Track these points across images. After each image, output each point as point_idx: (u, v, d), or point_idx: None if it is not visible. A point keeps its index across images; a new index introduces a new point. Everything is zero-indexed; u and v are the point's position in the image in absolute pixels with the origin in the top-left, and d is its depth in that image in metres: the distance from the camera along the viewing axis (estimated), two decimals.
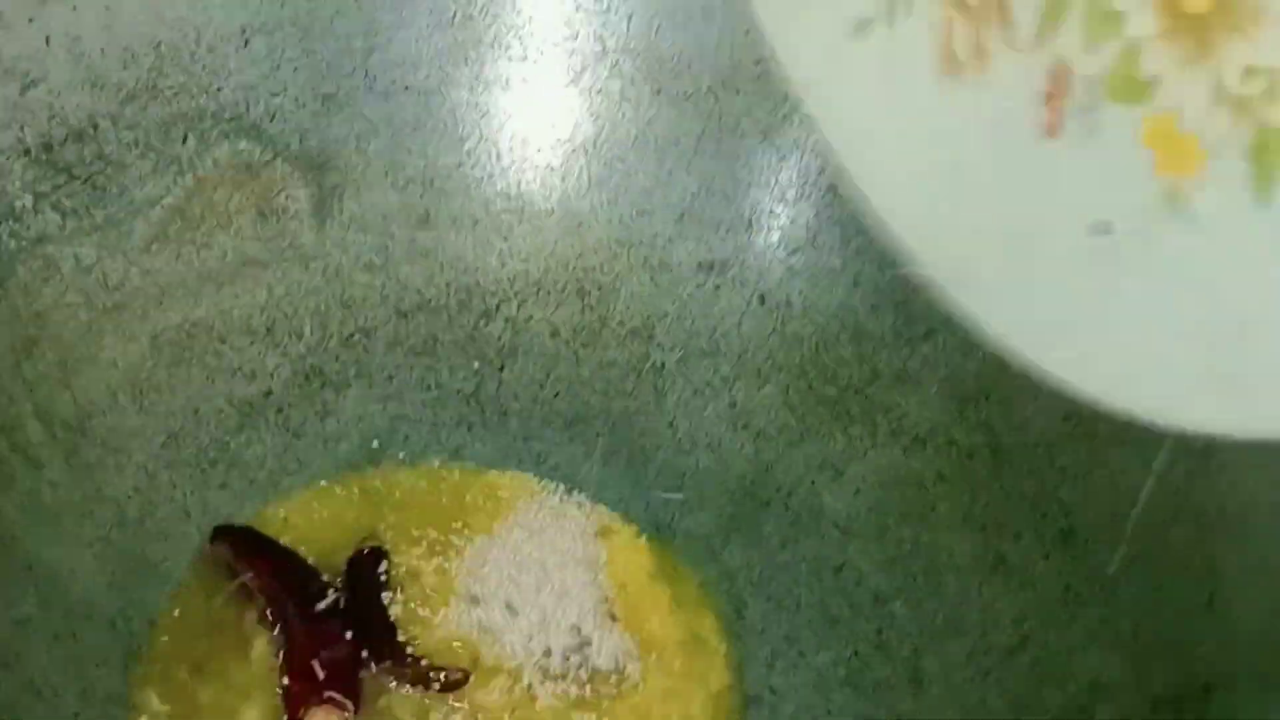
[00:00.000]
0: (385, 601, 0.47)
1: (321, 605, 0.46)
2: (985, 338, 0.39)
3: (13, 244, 0.47)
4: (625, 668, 0.46)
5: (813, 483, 0.51)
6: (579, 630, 0.47)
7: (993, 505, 0.47)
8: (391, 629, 0.45)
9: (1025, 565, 0.44)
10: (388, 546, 0.48)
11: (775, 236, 0.54)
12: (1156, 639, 0.39)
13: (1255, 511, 0.38)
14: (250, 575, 0.46)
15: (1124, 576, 0.41)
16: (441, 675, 0.43)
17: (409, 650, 0.44)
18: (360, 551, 0.47)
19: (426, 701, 0.44)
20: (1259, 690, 0.34)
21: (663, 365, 0.54)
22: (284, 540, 0.48)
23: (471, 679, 0.43)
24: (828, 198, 0.53)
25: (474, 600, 0.47)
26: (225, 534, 0.47)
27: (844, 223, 0.53)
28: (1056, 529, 0.44)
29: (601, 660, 0.46)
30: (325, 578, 0.47)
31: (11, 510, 0.44)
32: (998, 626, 0.44)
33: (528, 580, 0.48)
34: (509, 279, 0.55)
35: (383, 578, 0.47)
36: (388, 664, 0.44)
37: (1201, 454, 0.41)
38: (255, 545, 0.47)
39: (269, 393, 0.51)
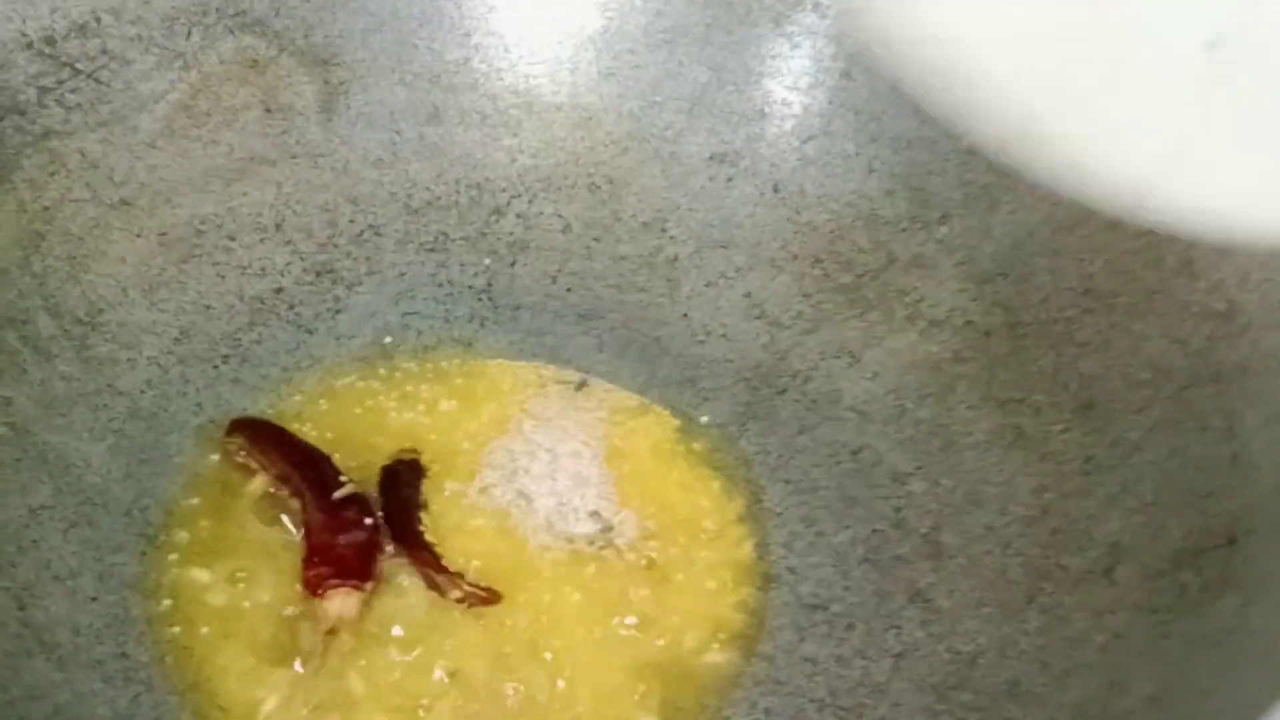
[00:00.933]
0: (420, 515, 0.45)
1: (338, 494, 0.45)
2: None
3: (17, 138, 0.47)
4: (646, 552, 0.45)
5: (829, 369, 0.50)
6: (599, 515, 0.46)
7: (1011, 382, 0.46)
8: (426, 544, 0.45)
9: (1044, 438, 0.44)
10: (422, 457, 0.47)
11: (788, 125, 0.53)
12: (1177, 498, 0.38)
13: (1276, 365, 0.37)
14: (267, 465, 0.45)
15: (1145, 442, 0.41)
16: (477, 591, 0.43)
17: (444, 564, 0.44)
18: (398, 462, 0.46)
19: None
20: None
21: (676, 257, 0.53)
22: (298, 433, 0.47)
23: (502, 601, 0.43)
24: (841, 84, 0.52)
25: (488, 490, 0.47)
26: (242, 426, 0.47)
27: (858, 109, 0.52)
28: (1076, 401, 0.44)
29: (622, 544, 0.45)
30: (341, 470, 0.46)
31: (25, 402, 0.44)
32: (1017, 499, 0.43)
33: (541, 469, 0.47)
34: (519, 174, 0.54)
35: (419, 493, 0.46)
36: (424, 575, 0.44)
37: (1224, 316, 0.40)
38: (272, 436, 0.46)
39: (280, 289, 0.51)
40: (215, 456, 0.47)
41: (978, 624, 0.41)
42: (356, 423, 0.49)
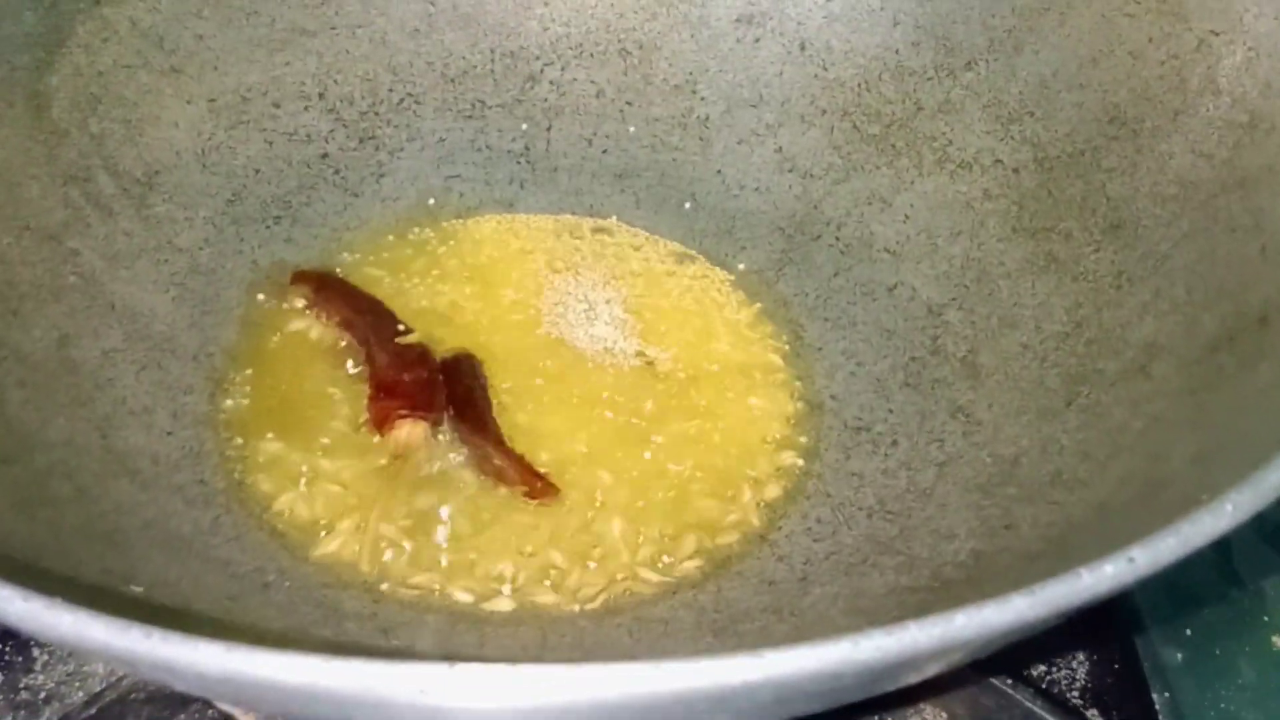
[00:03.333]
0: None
1: (402, 339, 0.47)
2: None
3: (71, 5, 0.48)
4: (690, 387, 0.47)
5: (862, 215, 0.52)
6: (644, 355, 0.48)
7: (1041, 213, 0.48)
8: (493, 423, 0.46)
9: (1076, 259, 0.45)
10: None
11: None
12: (1209, 295, 0.40)
13: None
14: (331, 313, 0.47)
15: (1175, 251, 0.42)
16: (536, 483, 0.44)
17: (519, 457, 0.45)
18: (457, 356, 0.48)
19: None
20: None
21: (707, 117, 0.55)
22: None
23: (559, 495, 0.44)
24: None
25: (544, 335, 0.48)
26: (306, 277, 0.49)
27: None
28: (1106, 223, 0.45)
29: (671, 381, 0.47)
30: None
31: (90, 254, 0.46)
32: (1051, 317, 0.45)
33: (583, 313, 0.49)
34: (551, 42, 0.56)
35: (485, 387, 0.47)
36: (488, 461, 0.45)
37: (1247, 126, 0.42)
38: (335, 286, 0.48)
39: (325, 155, 0.53)
40: (275, 307, 0.48)
41: (1018, 430, 0.42)
42: (407, 276, 0.50)
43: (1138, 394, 0.39)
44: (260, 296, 0.48)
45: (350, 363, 0.47)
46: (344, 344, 0.47)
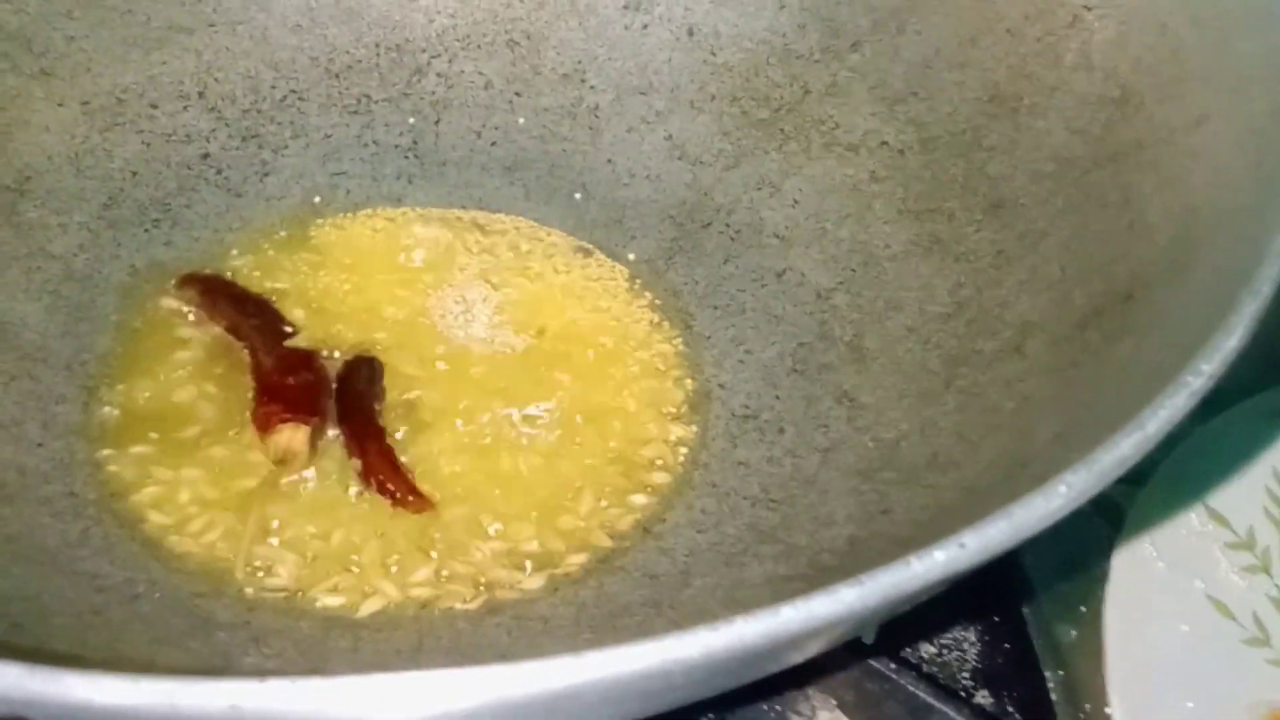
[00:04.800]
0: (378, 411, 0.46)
1: (289, 342, 0.46)
2: None
3: None
4: (578, 380, 0.47)
5: (751, 200, 0.51)
6: (530, 349, 0.48)
7: (925, 194, 0.48)
8: (380, 432, 0.45)
9: (958, 239, 0.45)
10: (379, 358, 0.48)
11: None
12: (1081, 271, 0.40)
13: (1170, 135, 0.39)
14: (217, 317, 0.46)
15: (1051, 228, 0.42)
16: (409, 496, 0.43)
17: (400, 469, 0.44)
18: (356, 358, 0.47)
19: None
20: (1172, 288, 0.35)
21: (597, 106, 0.54)
22: None
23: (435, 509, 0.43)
24: None
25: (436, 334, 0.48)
26: (191, 280, 0.48)
27: None
28: (986, 202, 0.45)
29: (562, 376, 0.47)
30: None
31: None
32: (934, 299, 0.45)
33: (470, 308, 0.48)
34: (437, 34, 0.55)
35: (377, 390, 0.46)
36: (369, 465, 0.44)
37: (1118, 101, 0.42)
38: (221, 289, 0.47)
39: (206, 155, 0.52)
40: (153, 313, 0.47)
41: (900, 413, 0.42)
42: (290, 279, 0.49)
43: (1011, 373, 0.39)
44: (137, 303, 0.47)
45: (229, 368, 0.45)
46: (224, 348, 0.46)
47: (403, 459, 0.43)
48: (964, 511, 0.33)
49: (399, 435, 0.44)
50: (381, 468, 0.42)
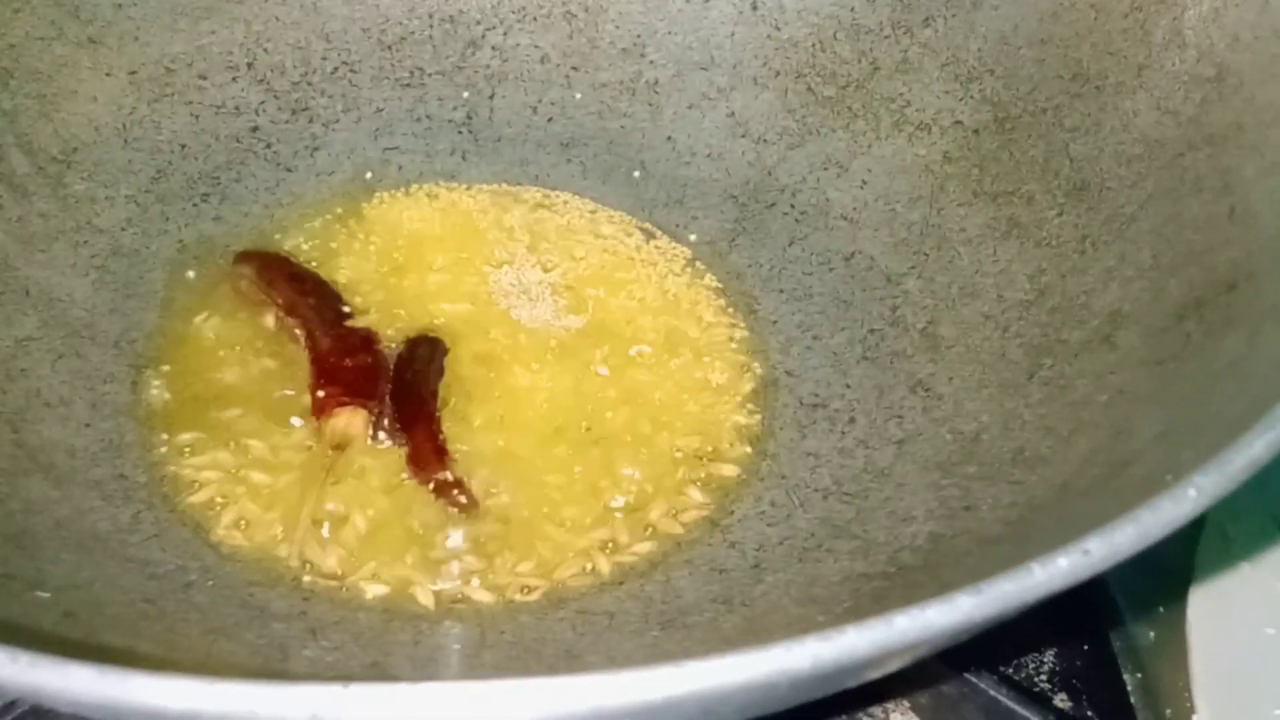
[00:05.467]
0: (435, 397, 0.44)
1: (348, 324, 0.44)
2: None
3: None
4: (638, 365, 0.45)
5: (817, 180, 0.50)
6: (590, 332, 0.46)
7: (1002, 175, 0.46)
8: (431, 417, 0.44)
9: (1039, 224, 0.43)
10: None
11: None
12: (1176, 259, 0.38)
13: (1273, 118, 0.37)
14: (274, 295, 0.45)
15: (1141, 213, 0.40)
16: (453, 493, 0.42)
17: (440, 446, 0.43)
18: (421, 336, 0.46)
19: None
20: None
21: (656, 81, 0.53)
22: None
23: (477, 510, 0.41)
24: None
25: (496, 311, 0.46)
26: (249, 257, 0.46)
27: None
28: (1069, 185, 0.43)
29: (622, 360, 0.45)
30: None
31: (3, 237, 0.43)
32: (1013, 285, 0.43)
33: (528, 289, 0.47)
34: (492, 6, 0.53)
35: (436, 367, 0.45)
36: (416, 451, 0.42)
37: (1215, 80, 0.40)
38: (278, 266, 0.46)
39: (255, 128, 0.50)
40: (203, 289, 0.46)
41: (979, 404, 0.41)
42: (345, 258, 0.48)
43: (1102, 365, 0.37)
44: (187, 279, 0.45)
45: (282, 347, 0.44)
46: (277, 327, 0.44)
47: (463, 447, 0.41)
48: (1059, 510, 0.32)
49: (449, 415, 0.42)
50: (427, 457, 0.41)
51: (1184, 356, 0.35)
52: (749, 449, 0.43)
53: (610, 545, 0.40)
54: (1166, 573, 0.43)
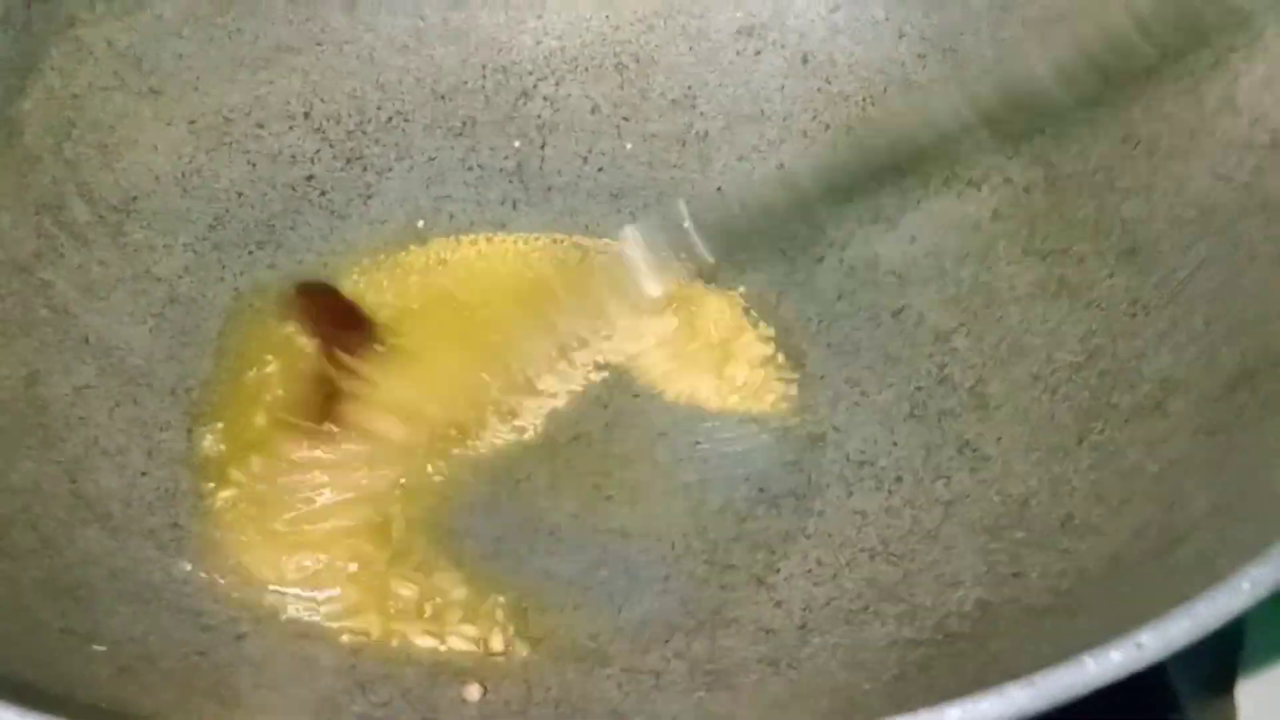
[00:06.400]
0: None
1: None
2: None
3: (44, 26, 0.46)
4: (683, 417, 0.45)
5: (866, 235, 0.50)
6: (635, 380, 0.46)
7: (1052, 235, 0.46)
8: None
9: (1089, 285, 0.43)
10: None
11: None
12: (1229, 327, 0.38)
13: None
14: (318, 325, 0.46)
15: (1194, 278, 0.40)
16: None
17: None
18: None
19: None
20: None
21: (706, 133, 0.53)
22: None
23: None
24: None
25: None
26: (308, 289, 0.48)
27: None
28: (1120, 247, 0.43)
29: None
30: None
31: (64, 285, 0.44)
32: (1063, 346, 0.43)
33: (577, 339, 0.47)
34: (544, 57, 0.54)
35: None
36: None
37: (1270, 147, 0.40)
38: (324, 301, 0.47)
39: (310, 176, 0.51)
40: (259, 338, 0.46)
41: (1028, 467, 0.41)
42: (395, 302, 0.48)
43: (1153, 433, 0.37)
44: (242, 327, 0.46)
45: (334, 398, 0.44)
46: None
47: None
48: (1108, 583, 0.32)
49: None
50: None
51: (1238, 428, 0.34)
52: (793, 506, 0.43)
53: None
54: (1216, 660, 0.43)
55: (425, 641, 0.39)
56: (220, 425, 0.44)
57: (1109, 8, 0.40)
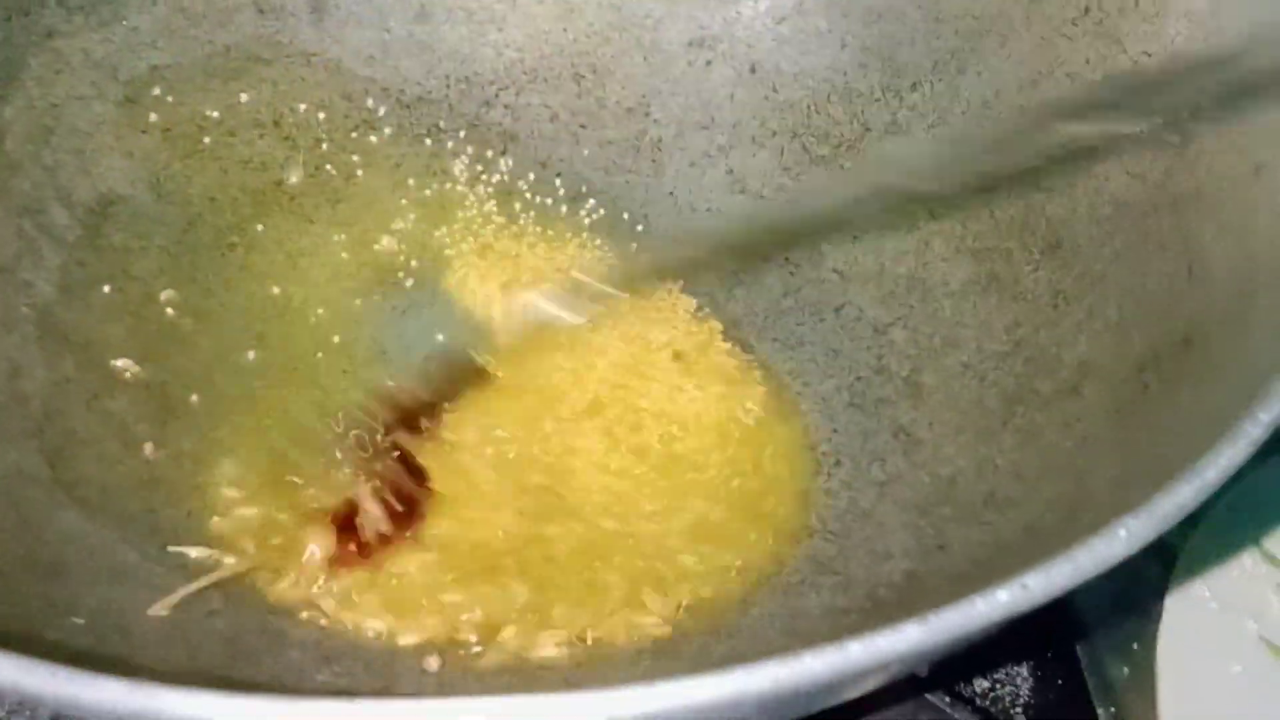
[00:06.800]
0: None
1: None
2: None
3: (24, 38, 0.49)
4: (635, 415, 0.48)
5: (812, 235, 0.52)
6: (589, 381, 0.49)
7: (984, 233, 0.48)
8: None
9: (1016, 279, 0.46)
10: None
11: (763, 7, 0.55)
12: (1139, 314, 0.41)
13: (1230, 184, 0.40)
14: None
15: (1109, 270, 0.43)
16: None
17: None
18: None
19: None
20: (1231, 335, 0.36)
21: (660, 140, 0.56)
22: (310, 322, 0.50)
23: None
24: None
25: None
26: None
27: None
28: (1045, 243, 0.46)
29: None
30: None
31: (44, 285, 0.46)
32: (992, 336, 0.45)
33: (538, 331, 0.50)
34: (505, 68, 0.56)
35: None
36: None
37: (1178, 148, 0.43)
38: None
39: (280, 182, 0.53)
40: (228, 337, 0.49)
41: (955, 449, 0.43)
42: (365, 305, 0.51)
43: (1069, 414, 0.40)
44: (213, 326, 0.48)
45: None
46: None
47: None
48: (1023, 551, 0.34)
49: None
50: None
51: (1141, 407, 0.37)
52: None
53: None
54: (1140, 611, 0.46)
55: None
56: (197, 421, 0.46)
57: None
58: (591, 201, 0.55)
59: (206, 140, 0.52)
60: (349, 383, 0.49)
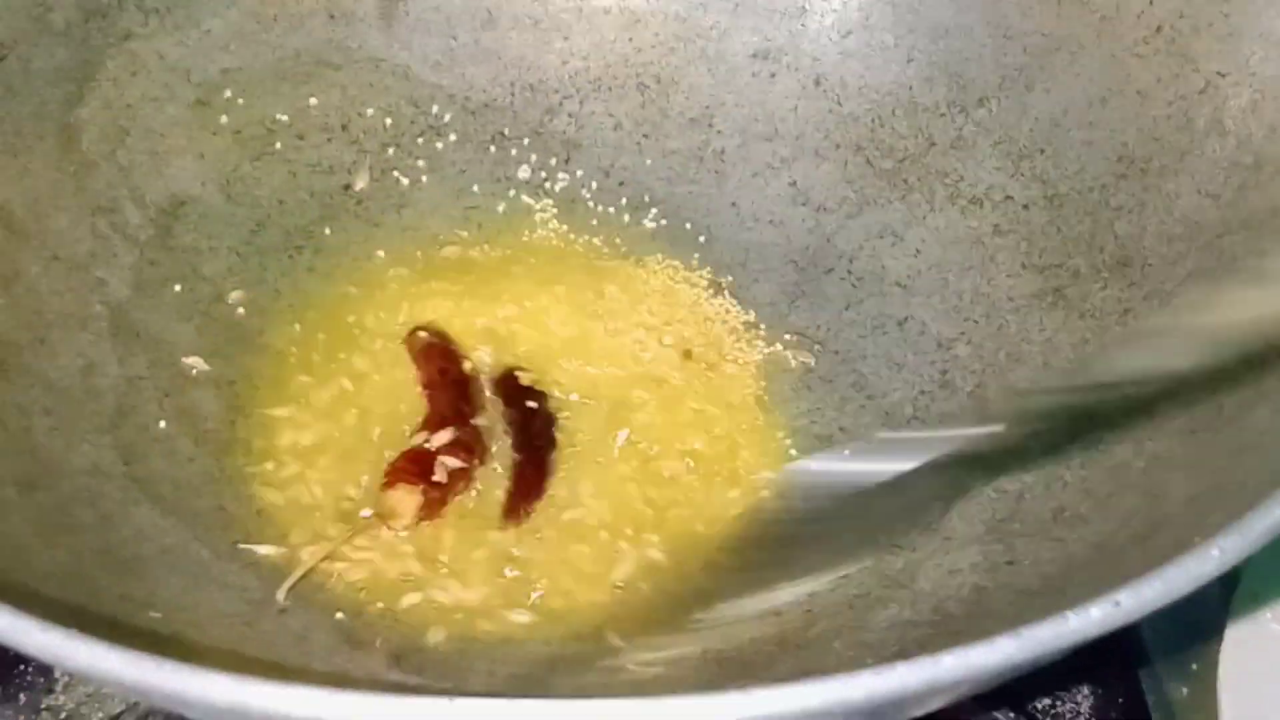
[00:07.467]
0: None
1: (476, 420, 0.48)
2: None
3: (101, 39, 0.49)
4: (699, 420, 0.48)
5: (874, 248, 0.53)
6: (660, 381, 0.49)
7: (1050, 249, 0.48)
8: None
9: (1083, 296, 0.46)
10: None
11: (829, 20, 0.55)
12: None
13: None
14: (424, 368, 0.49)
15: (1180, 290, 0.43)
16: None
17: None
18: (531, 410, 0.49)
19: None
20: None
21: (723, 151, 0.56)
22: (368, 318, 0.50)
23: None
24: None
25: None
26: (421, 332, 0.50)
27: (895, 1, 0.54)
28: (1113, 260, 0.46)
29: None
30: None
31: (117, 283, 0.47)
32: (1057, 353, 0.46)
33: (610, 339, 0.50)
34: (570, 76, 0.57)
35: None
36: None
37: (1253, 167, 0.43)
38: (437, 350, 0.50)
39: (347, 185, 0.54)
40: (297, 338, 0.49)
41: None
42: (429, 309, 0.51)
43: (1140, 433, 0.40)
44: (280, 326, 0.49)
45: (371, 399, 0.47)
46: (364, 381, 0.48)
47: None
48: (1094, 568, 0.34)
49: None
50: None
51: (1216, 426, 0.37)
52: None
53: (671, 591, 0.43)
54: (1201, 631, 0.46)
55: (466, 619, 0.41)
56: (261, 418, 0.46)
57: None
58: (654, 211, 0.55)
59: (276, 143, 0.53)
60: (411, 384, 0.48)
